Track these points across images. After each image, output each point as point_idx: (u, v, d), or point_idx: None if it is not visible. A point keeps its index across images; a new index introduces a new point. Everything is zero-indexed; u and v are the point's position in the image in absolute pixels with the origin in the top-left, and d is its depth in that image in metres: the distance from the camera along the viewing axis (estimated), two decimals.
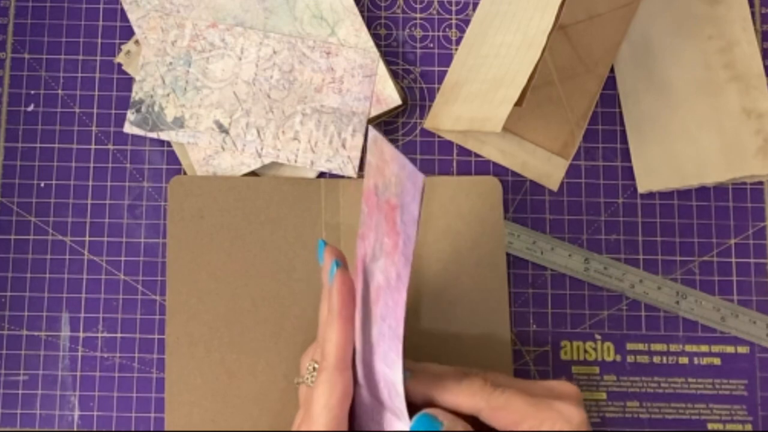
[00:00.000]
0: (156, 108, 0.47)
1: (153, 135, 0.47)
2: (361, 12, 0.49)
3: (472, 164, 0.48)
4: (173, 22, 0.47)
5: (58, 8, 0.49)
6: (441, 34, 0.50)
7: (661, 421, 0.47)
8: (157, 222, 0.48)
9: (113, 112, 0.48)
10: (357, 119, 0.46)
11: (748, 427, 0.47)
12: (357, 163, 0.47)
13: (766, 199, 0.48)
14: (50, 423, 0.46)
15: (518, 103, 0.41)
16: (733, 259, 0.48)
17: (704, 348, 0.47)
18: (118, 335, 0.47)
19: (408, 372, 0.37)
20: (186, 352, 0.45)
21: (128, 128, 0.47)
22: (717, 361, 0.47)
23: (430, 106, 0.49)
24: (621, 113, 0.49)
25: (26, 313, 0.47)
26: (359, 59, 0.47)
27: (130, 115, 0.47)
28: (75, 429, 0.46)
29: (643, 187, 0.48)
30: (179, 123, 0.47)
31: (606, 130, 0.49)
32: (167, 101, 0.47)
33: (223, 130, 0.47)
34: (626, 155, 0.49)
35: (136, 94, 0.47)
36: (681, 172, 0.47)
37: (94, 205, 0.48)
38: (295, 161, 0.47)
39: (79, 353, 0.47)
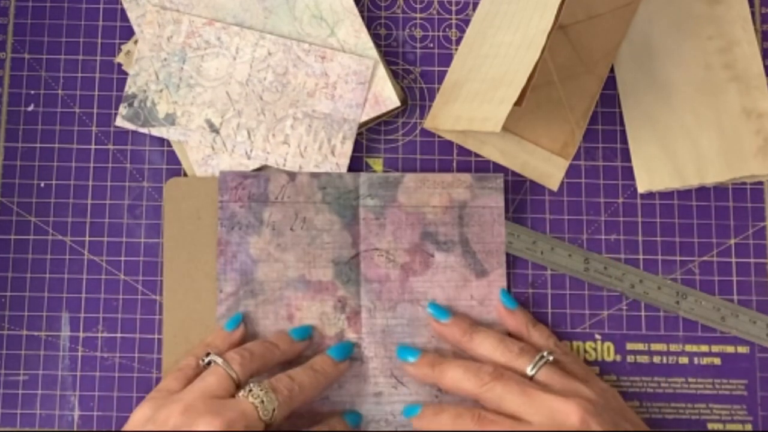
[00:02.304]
0: (148, 103, 0.47)
1: (144, 130, 0.47)
2: (361, 12, 0.49)
3: (472, 164, 0.48)
4: (170, 17, 0.47)
5: (58, 8, 0.49)
6: (441, 34, 0.50)
7: (661, 421, 0.47)
8: (157, 222, 0.48)
9: (113, 112, 0.48)
10: (348, 126, 0.46)
11: (748, 427, 0.47)
12: (345, 170, 0.47)
13: (766, 199, 0.48)
14: (50, 423, 0.46)
15: (518, 103, 0.41)
16: (733, 259, 0.48)
17: (704, 348, 0.47)
18: (118, 335, 0.47)
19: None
20: (182, 351, 0.45)
21: (120, 122, 0.47)
22: (717, 361, 0.47)
23: (430, 106, 0.49)
24: (621, 113, 0.49)
25: (26, 313, 0.47)
26: (354, 65, 0.47)
27: (122, 109, 0.47)
28: (75, 429, 0.46)
29: (643, 187, 0.48)
30: (171, 120, 0.47)
31: (606, 130, 0.49)
32: (160, 97, 0.47)
33: (214, 129, 0.47)
34: (626, 155, 0.49)
35: (129, 88, 0.47)
36: (681, 172, 0.47)
37: (94, 205, 0.48)
38: (284, 165, 0.47)
39: (79, 353, 0.47)
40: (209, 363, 0.42)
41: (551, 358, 0.42)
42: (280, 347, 0.44)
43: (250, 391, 0.40)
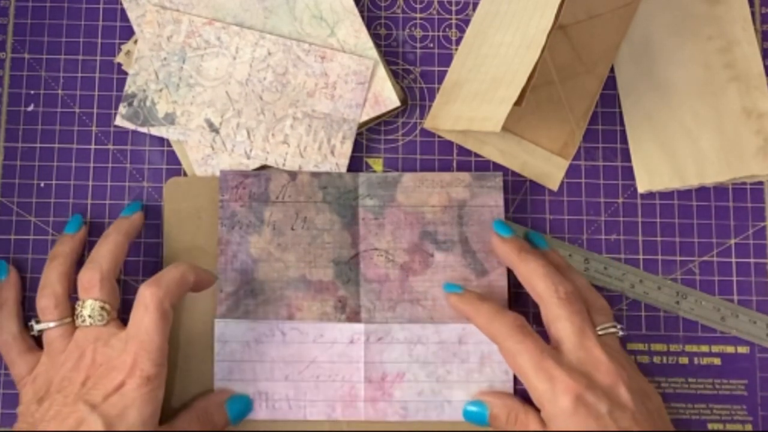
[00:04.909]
0: (148, 103, 0.47)
1: (144, 130, 0.47)
2: (361, 12, 0.49)
3: (472, 164, 0.48)
4: (170, 17, 0.47)
5: (58, 8, 0.49)
6: (441, 34, 0.50)
7: None
8: (157, 222, 0.48)
9: (113, 112, 0.48)
10: (347, 126, 0.46)
11: (748, 427, 0.47)
12: (344, 170, 0.47)
13: (766, 199, 0.48)
14: None
15: (518, 102, 0.41)
16: (733, 259, 0.48)
17: (704, 348, 0.47)
18: None
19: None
20: (182, 350, 0.45)
21: (119, 121, 0.47)
22: (717, 361, 0.47)
23: (430, 106, 0.49)
24: (621, 113, 0.49)
25: (26, 314, 0.47)
26: (353, 66, 0.47)
27: (122, 109, 0.47)
28: None
29: (643, 187, 0.48)
30: (170, 119, 0.47)
31: (606, 130, 0.49)
32: (159, 96, 0.47)
33: (214, 129, 0.47)
34: (626, 155, 0.49)
35: (129, 87, 0.47)
36: (681, 172, 0.47)
37: (94, 205, 0.48)
38: (284, 165, 0.47)
39: None
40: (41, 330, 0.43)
41: (621, 333, 0.43)
42: (67, 251, 0.45)
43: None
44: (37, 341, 0.44)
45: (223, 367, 0.45)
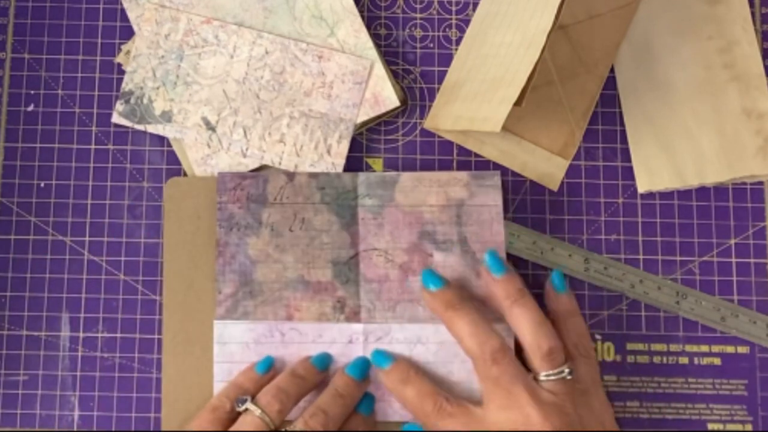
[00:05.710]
0: (145, 100, 0.47)
1: (140, 127, 0.47)
2: (361, 12, 0.49)
3: (472, 164, 0.48)
4: (168, 15, 0.47)
5: (58, 8, 0.49)
6: (441, 34, 0.50)
7: (661, 421, 0.47)
8: (157, 222, 0.48)
9: (113, 112, 0.48)
10: (344, 126, 0.46)
11: (748, 427, 0.47)
12: (341, 170, 0.47)
13: (766, 199, 0.48)
14: (50, 423, 0.46)
15: (518, 103, 0.41)
16: (733, 259, 0.48)
17: (704, 348, 0.47)
18: (118, 335, 0.47)
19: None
20: (182, 351, 0.45)
21: (116, 118, 0.47)
22: (717, 361, 0.47)
23: (430, 106, 0.49)
24: (621, 113, 0.49)
25: (26, 313, 0.47)
26: (351, 65, 0.47)
27: (119, 106, 0.47)
28: (75, 429, 0.46)
29: (643, 187, 0.48)
30: (167, 117, 0.47)
31: (606, 130, 0.49)
32: (156, 94, 0.47)
33: (210, 127, 0.47)
34: (626, 155, 0.49)
35: (126, 84, 0.47)
36: (681, 172, 0.47)
37: (94, 205, 0.48)
38: (280, 164, 0.47)
39: (79, 353, 0.47)
40: (246, 409, 0.42)
41: (569, 377, 0.41)
42: (308, 380, 0.43)
43: None
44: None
45: (223, 368, 0.45)
